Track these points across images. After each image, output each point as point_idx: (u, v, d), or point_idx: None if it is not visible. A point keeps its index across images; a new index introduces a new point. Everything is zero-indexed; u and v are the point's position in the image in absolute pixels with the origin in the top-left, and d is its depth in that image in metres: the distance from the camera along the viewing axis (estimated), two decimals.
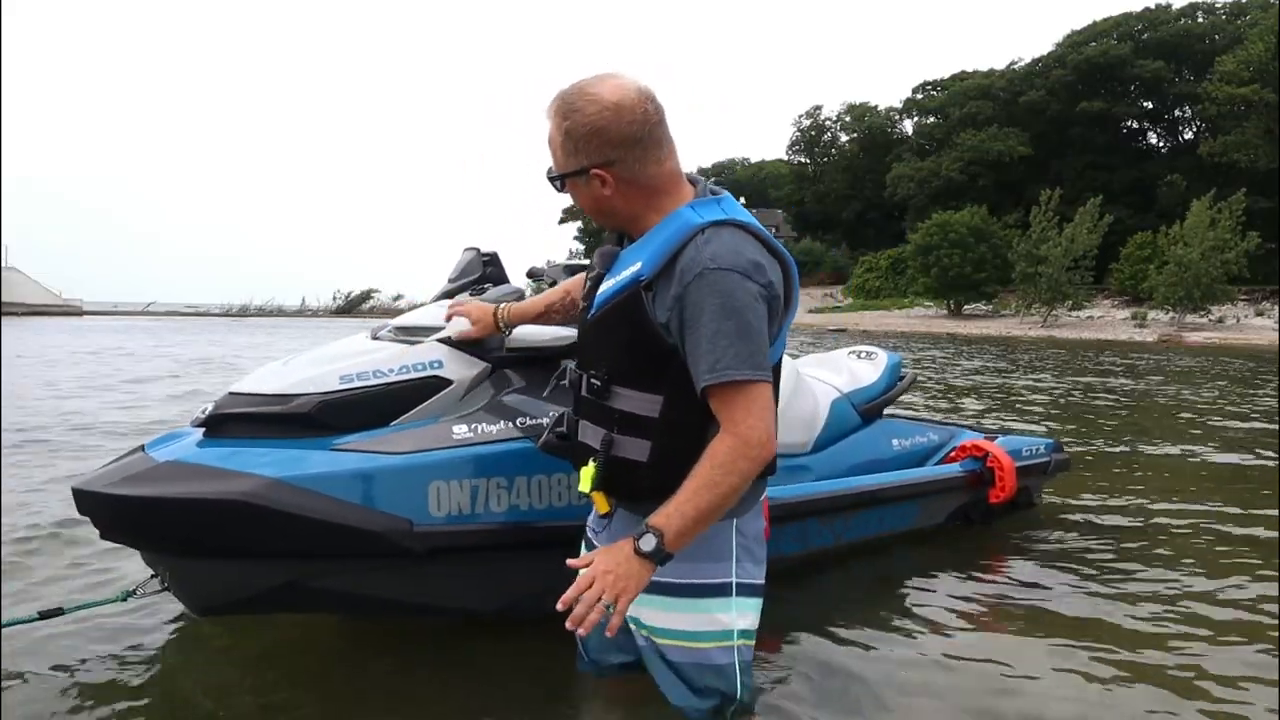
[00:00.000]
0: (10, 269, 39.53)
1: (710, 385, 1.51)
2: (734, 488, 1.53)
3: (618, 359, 1.65)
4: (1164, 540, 3.53)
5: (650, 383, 1.62)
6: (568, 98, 1.58)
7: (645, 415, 1.62)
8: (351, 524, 1.91)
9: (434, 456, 2.02)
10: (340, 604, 2.16)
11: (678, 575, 1.66)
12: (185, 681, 2.13)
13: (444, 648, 2.30)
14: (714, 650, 1.72)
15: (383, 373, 2.10)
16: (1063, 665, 2.27)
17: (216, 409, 2.08)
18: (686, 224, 1.57)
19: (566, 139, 1.59)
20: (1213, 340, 28.64)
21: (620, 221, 1.69)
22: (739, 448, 1.52)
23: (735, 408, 1.52)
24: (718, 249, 1.53)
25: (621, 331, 1.63)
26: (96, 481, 1.96)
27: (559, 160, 1.63)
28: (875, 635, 2.47)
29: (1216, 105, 42.57)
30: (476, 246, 2.63)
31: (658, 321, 1.57)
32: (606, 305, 1.65)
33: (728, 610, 1.71)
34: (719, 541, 1.70)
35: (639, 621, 1.76)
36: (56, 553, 3.06)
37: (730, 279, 1.51)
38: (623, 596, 1.50)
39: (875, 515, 3.11)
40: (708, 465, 1.52)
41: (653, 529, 1.50)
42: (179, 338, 19.81)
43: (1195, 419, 7.85)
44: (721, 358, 1.50)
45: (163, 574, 2.14)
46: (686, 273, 1.53)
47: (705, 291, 1.51)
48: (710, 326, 1.50)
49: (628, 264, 1.63)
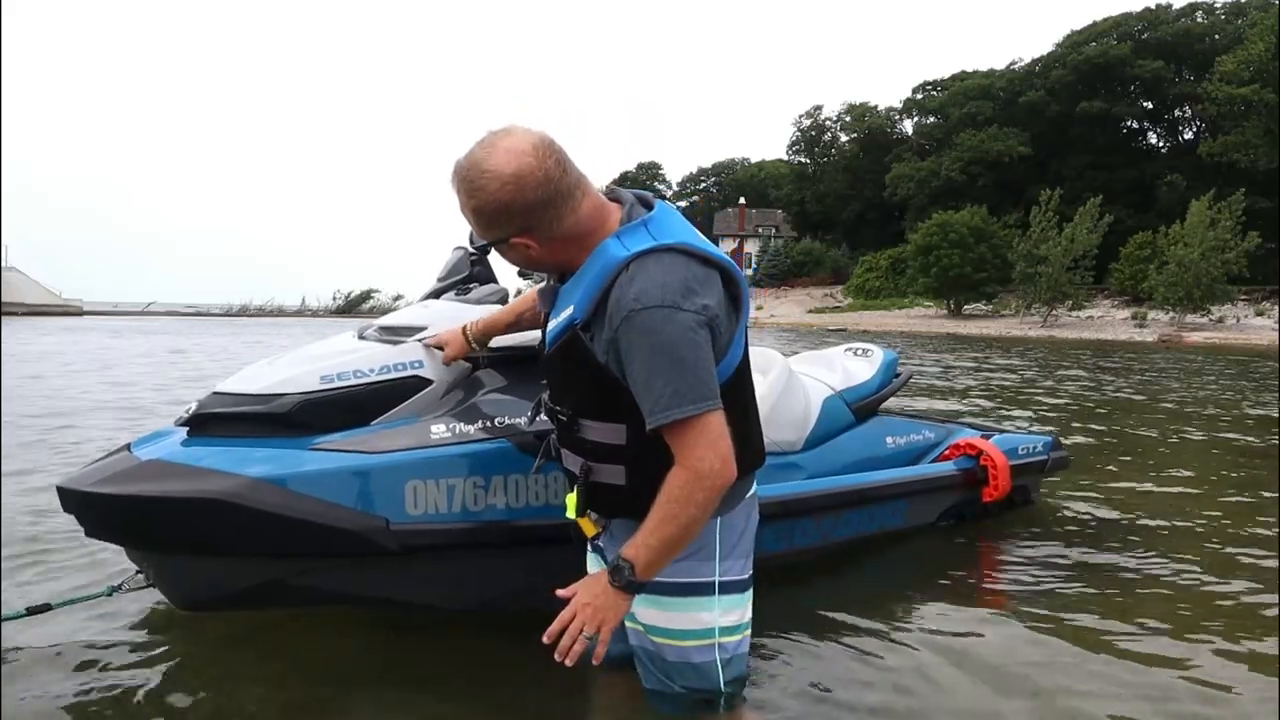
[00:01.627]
0: (10, 269, 39.56)
1: (656, 428, 1.53)
2: (693, 518, 1.55)
3: (578, 395, 1.68)
4: (1164, 540, 3.52)
5: (612, 413, 1.63)
6: (468, 177, 1.53)
7: (614, 443, 1.66)
8: (329, 523, 1.94)
9: (411, 456, 2.04)
10: (320, 601, 2.18)
11: (662, 574, 1.66)
12: (183, 674, 2.14)
13: (443, 639, 2.31)
14: (693, 649, 1.73)
15: (363, 372, 2.11)
16: (1062, 666, 2.26)
17: (200, 408, 2.10)
18: (611, 260, 1.55)
19: (478, 216, 1.56)
20: (1213, 340, 28.63)
21: (557, 269, 1.69)
22: (693, 480, 1.53)
23: (684, 443, 1.53)
24: (642, 286, 1.50)
25: (572, 369, 1.65)
26: (81, 480, 1.98)
27: (479, 231, 1.61)
28: (870, 634, 2.45)
29: (1216, 105, 42.54)
30: (465, 245, 2.63)
31: (600, 359, 1.58)
32: (555, 344, 1.66)
33: (710, 609, 1.73)
34: (703, 540, 1.70)
35: (631, 615, 1.77)
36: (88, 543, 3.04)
37: (657, 316, 1.49)
38: (604, 626, 1.56)
39: (865, 514, 3.09)
40: (665, 499, 1.54)
41: (625, 561, 1.56)
42: (221, 338, 19.86)
43: (1195, 418, 7.83)
44: (660, 398, 1.50)
45: (147, 570, 2.17)
46: (614, 316, 1.52)
47: (635, 334, 1.50)
48: (644, 369, 1.50)
49: (564, 306, 1.63)
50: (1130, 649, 2.37)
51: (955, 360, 16.08)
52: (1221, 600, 2.77)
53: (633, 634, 1.79)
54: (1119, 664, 2.27)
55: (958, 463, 3.42)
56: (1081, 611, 2.65)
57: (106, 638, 2.30)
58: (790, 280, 60.54)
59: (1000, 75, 58.43)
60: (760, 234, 68.86)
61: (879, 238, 57.46)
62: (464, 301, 2.37)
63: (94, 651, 2.22)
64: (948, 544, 3.33)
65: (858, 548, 3.09)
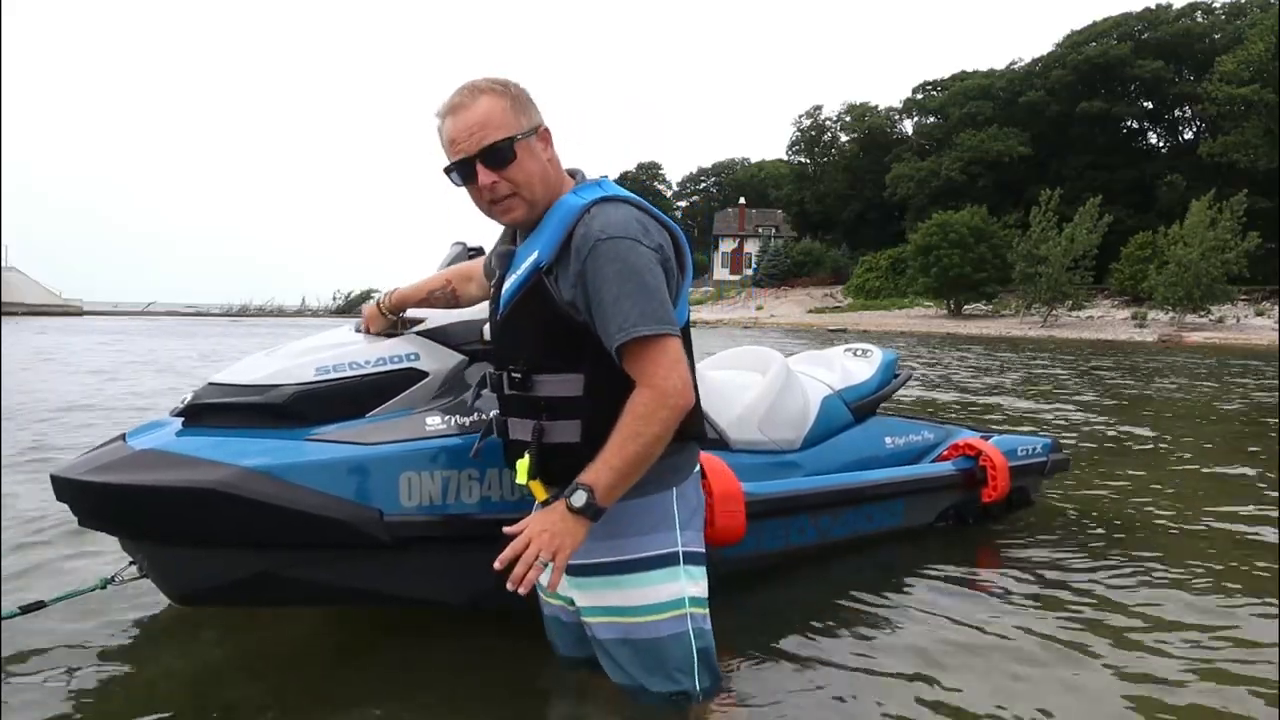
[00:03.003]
0: (10, 269, 39.55)
1: (622, 344, 1.59)
2: (656, 437, 1.61)
3: (534, 348, 1.72)
4: (1165, 540, 3.51)
5: (568, 363, 1.70)
6: (485, 80, 1.70)
7: (570, 396, 1.70)
8: (323, 513, 1.93)
9: (406, 447, 2.04)
10: (314, 594, 2.17)
11: (625, 552, 1.73)
12: (173, 669, 2.15)
13: (425, 638, 2.30)
14: (665, 622, 1.75)
15: (359, 364, 2.11)
16: (1061, 666, 2.25)
17: (196, 399, 2.11)
18: (572, 207, 1.68)
19: (515, 102, 1.68)
20: (1213, 340, 28.63)
21: (537, 202, 1.72)
22: (656, 398, 1.60)
23: (647, 361, 1.61)
24: (606, 221, 1.64)
25: (532, 321, 1.71)
26: (74, 469, 1.98)
27: (510, 124, 1.66)
28: (867, 633, 2.45)
29: (1216, 105, 42.52)
30: (463, 241, 2.63)
31: (564, 301, 1.66)
32: (513, 300, 1.72)
33: (678, 579, 1.76)
34: (661, 512, 1.75)
35: (593, 609, 1.78)
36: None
37: (622, 245, 1.62)
38: (560, 553, 1.57)
39: (862, 513, 3.08)
40: (629, 418, 1.60)
41: (582, 485, 1.57)
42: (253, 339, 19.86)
43: (1195, 418, 7.82)
44: (628, 317, 1.59)
45: (140, 561, 2.16)
46: (582, 248, 1.63)
47: (602, 260, 1.61)
48: (612, 291, 1.60)
49: (525, 257, 1.72)
50: (1130, 649, 2.36)
51: (956, 361, 16.07)
52: (1222, 601, 2.76)
53: (599, 628, 1.78)
54: (1119, 664, 2.26)
55: (956, 463, 3.41)
56: (1082, 612, 2.64)
57: (100, 632, 2.30)
58: (790, 280, 60.52)
59: (1000, 75, 58.39)
60: (760, 234, 68.83)
61: (879, 238, 57.43)
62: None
63: (87, 647, 2.22)
64: (944, 544, 3.32)
65: (855, 547, 3.08)
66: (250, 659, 2.22)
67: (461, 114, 1.66)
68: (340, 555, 2.05)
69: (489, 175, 1.66)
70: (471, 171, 1.67)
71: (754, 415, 2.82)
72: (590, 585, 1.78)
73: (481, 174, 1.66)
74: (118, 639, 2.31)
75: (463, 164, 1.68)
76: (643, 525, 1.73)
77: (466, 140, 1.66)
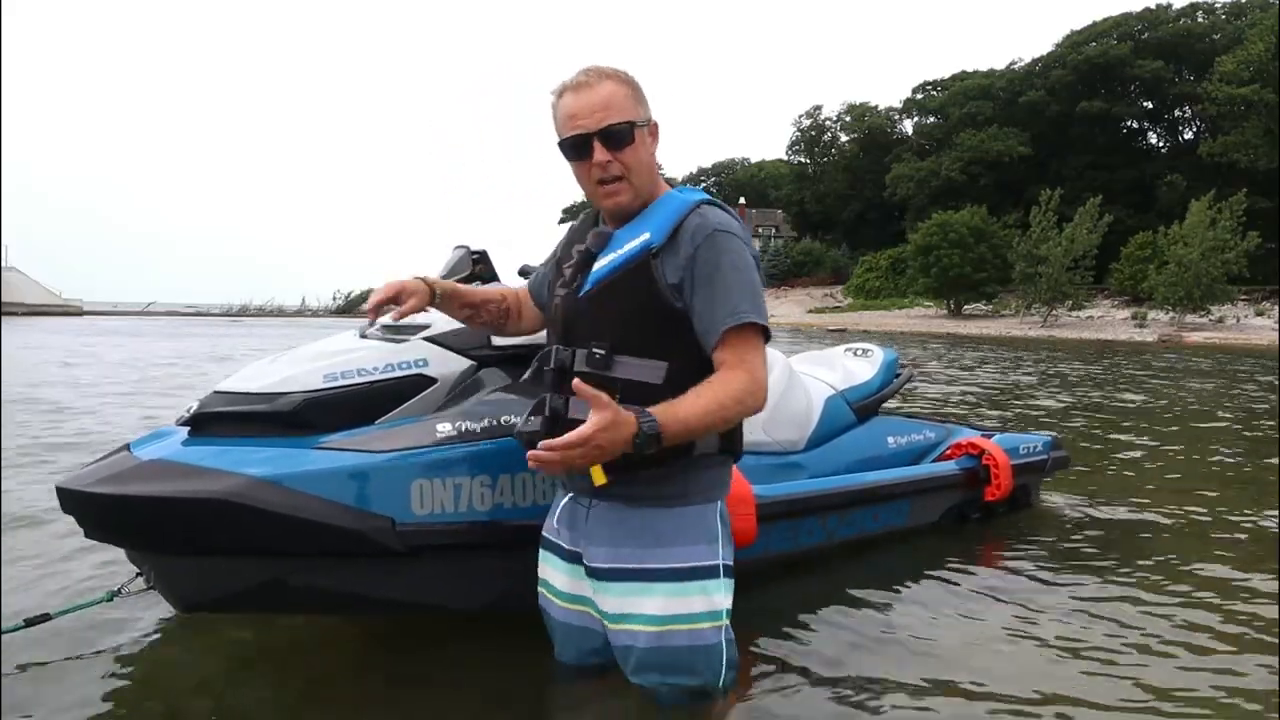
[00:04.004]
0: (10, 269, 39.60)
1: (731, 327, 1.65)
2: (731, 420, 1.66)
3: (623, 328, 1.72)
4: (1164, 540, 3.51)
5: (655, 349, 1.70)
6: (601, 69, 1.74)
7: (649, 382, 1.69)
8: (333, 523, 1.90)
9: (417, 455, 2.01)
10: (324, 602, 2.15)
11: (671, 560, 1.74)
12: (180, 679, 2.13)
13: (427, 644, 2.29)
14: (708, 630, 1.77)
15: (367, 371, 2.09)
16: (1058, 666, 2.25)
17: (202, 407, 2.07)
18: (684, 201, 1.75)
19: (633, 89, 1.74)
20: (1213, 340, 28.63)
21: (640, 192, 1.77)
22: (750, 385, 1.65)
23: (748, 349, 1.67)
24: (719, 218, 1.73)
25: (628, 300, 1.72)
26: (80, 480, 1.94)
27: (629, 110, 1.72)
28: (866, 634, 2.44)
29: (1216, 105, 42.57)
30: (466, 245, 2.62)
31: (668, 284, 1.69)
32: (611, 276, 1.74)
33: (720, 591, 1.78)
34: (707, 523, 1.78)
35: (626, 615, 1.77)
36: None
37: (735, 241, 1.71)
38: (593, 464, 1.57)
39: (868, 513, 3.09)
40: (720, 388, 1.62)
41: (658, 424, 1.55)
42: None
43: (1194, 417, 7.83)
44: (740, 303, 1.66)
45: (147, 572, 2.13)
46: (697, 234, 1.69)
47: (718, 249, 1.69)
48: (727, 278, 1.68)
49: (631, 237, 1.74)
50: (1129, 651, 2.36)
51: (957, 361, 16.08)
52: (1222, 601, 2.76)
53: (635, 636, 1.77)
54: (1117, 666, 2.26)
55: (960, 462, 3.42)
56: (1081, 614, 2.65)
57: (106, 643, 2.26)
58: (790, 280, 60.56)
59: (1000, 75, 58.45)
60: (760, 234, 68.86)
61: (879, 238, 57.47)
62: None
63: (93, 659, 2.19)
64: (944, 544, 3.32)
65: (857, 546, 3.08)
66: (252, 663, 2.20)
67: (585, 92, 1.70)
68: (351, 564, 2.03)
69: (604, 154, 1.70)
70: (588, 148, 1.70)
71: (758, 416, 2.82)
72: (629, 591, 1.76)
73: (598, 151, 1.70)
74: (118, 642, 2.28)
75: (580, 140, 1.70)
76: (690, 536, 1.75)
77: (588, 117, 1.69)
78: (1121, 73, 50.94)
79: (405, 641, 2.32)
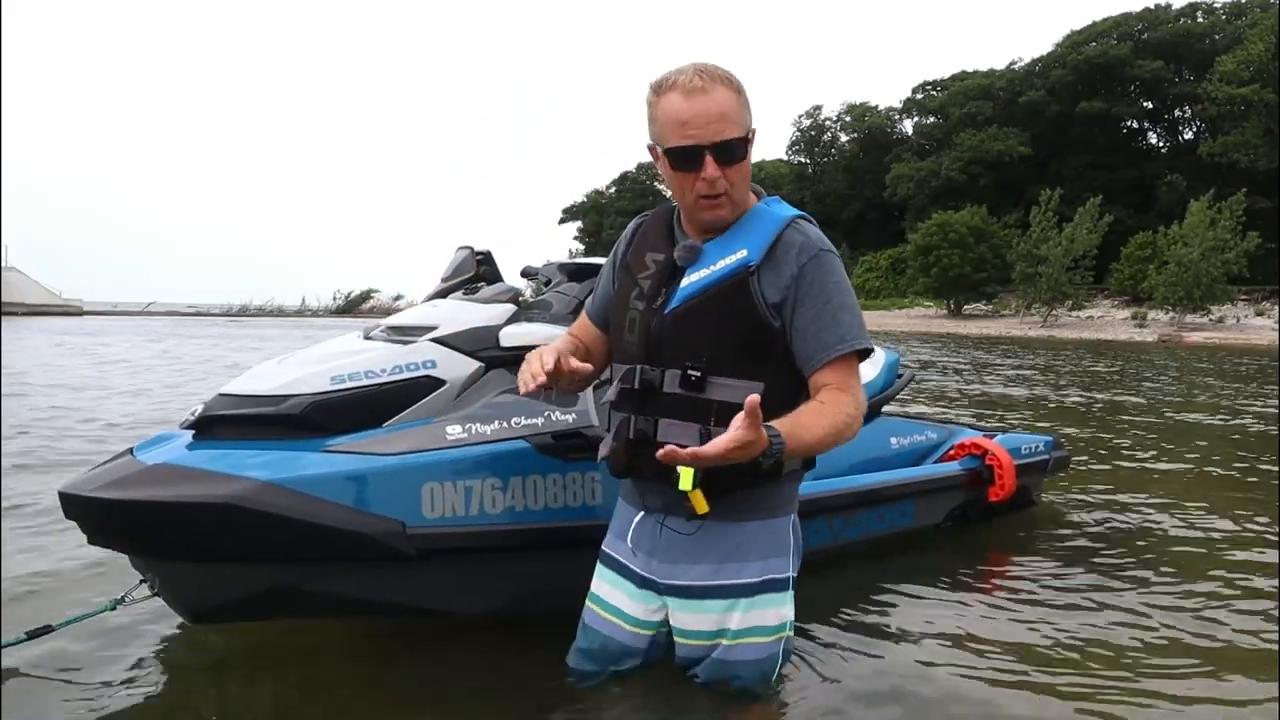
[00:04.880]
0: (10, 269, 39.57)
1: (843, 354, 1.61)
2: (841, 442, 1.60)
3: (718, 347, 1.64)
4: (1164, 540, 3.51)
5: (751, 369, 1.63)
6: (711, 71, 1.60)
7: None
8: (344, 527, 1.88)
9: (427, 458, 1.99)
10: (333, 607, 2.12)
11: (758, 574, 1.73)
12: (180, 680, 2.12)
13: (436, 646, 2.28)
14: (776, 643, 1.78)
15: (375, 373, 2.06)
16: (1059, 667, 2.26)
17: (206, 410, 2.03)
18: (779, 216, 1.69)
19: (743, 96, 1.63)
20: (1213, 340, 28.64)
21: (738, 205, 1.68)
22: (857, 410, 1.62)
23: (852, 373, 1.64)
24: (819, 236, 1.68)
25: (724, 318, 1.64)
26: (83, 485, 1.89)
27: (743, 122, 1.62)
28: (867, 634, 2.45)
29: (1216, 105, 42.59)
30: (470, 245, 2.61)
31: (768, 303, 1.63)
32: (704, 293, 1.65)
33: (788, 604, 1.79)
34: (783, 534, 1.77)
35: (702, 632, 1.75)
36: None
37: (838, 262, 1.67)
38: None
39: (874, 514, 3.09)
40: (839, 414, 1.58)
41: (784, 441, 1.48)
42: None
43: (1194, 417, 7.83)
44: (851, 328, 1.63)
45: (152, 579, 2.07)
46: (802, 254, 1.64)
47: (825, 270, 1.64)
48: (837, 301, 1.63)
49: (726, 253, 1.66)
50: (1129, 651, 2.36)
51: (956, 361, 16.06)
52: (1223, 601, 2.76)
53: (705, 650, 1.76)
54: (1117, 667, 2.27)
55: (964, 463, 3.42)
56: (1082, 614, 2.65)
57: (107, 652, 2.22)
58: None
59: (1000, 75, 58.46)
60: None
61: (879, 238, 57.49)
62: (473, 301, 2.33)
63: (95, 668, 2.15)
64: (944, 545, 3.32)
65: (855, 549, 3.08)
66: (255, 669, 2.17)
67: (699, 99, 1.56)
68: (361, 568, 2.00)
69: (715, 169, 1.59)
70: (699, 161, 1.59)
71: None
72: (707, 609, 1.73)
73: (709, 166, 1.59)
74: (120, 647, 2.25)
75: (693, 151, 1.58)
76: (767, 549, 1.72)
77: (702, 128, 1.57)
78: (1121, 73, 50.97)
79: (407, 642, 2.30)
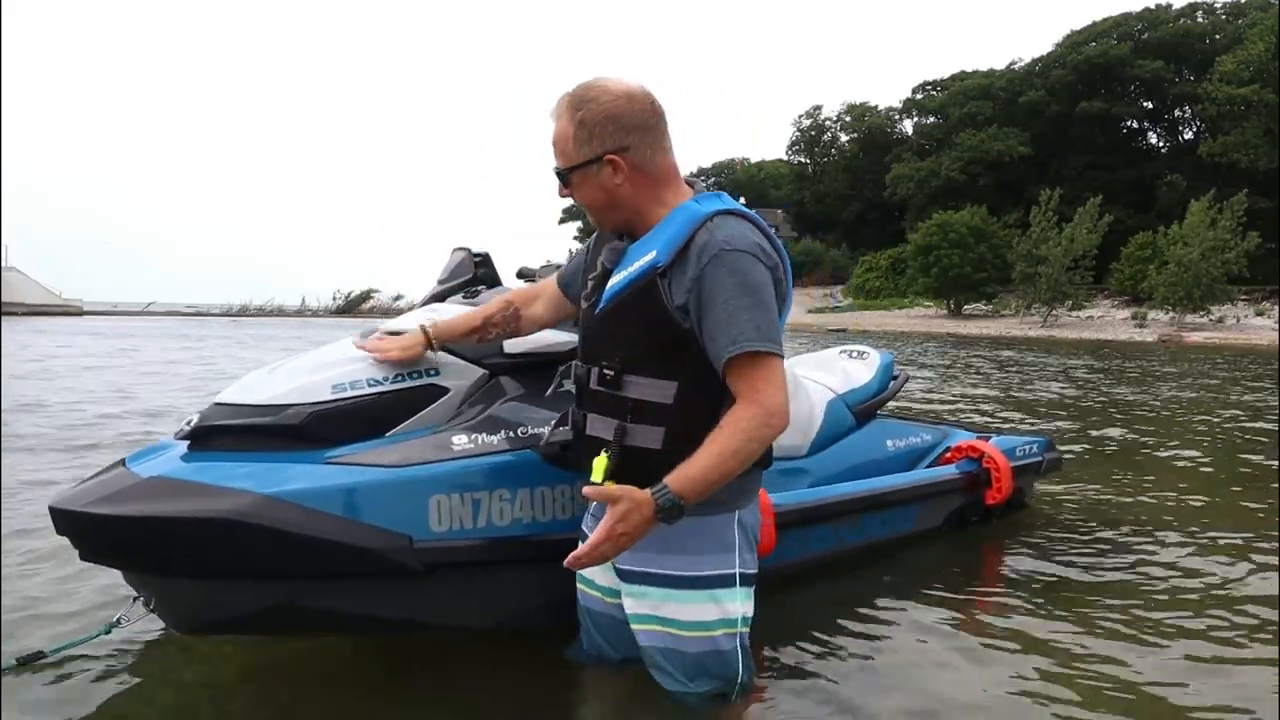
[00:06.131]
0: (10, 269, 39.58)
1: (733, 356, 1.59)
2: (753, 455, 1.61)
3: (632, 347, 1.70)
4: (1163, 540, 3.51)
5: (664, 369, 1.68)
6: (579, 92, 1.69)
7: (659, 402, 1.68)
8: (348, 541, 1.81)
9: (434, 469, 1.93)
10: (336, 624, 2.06)
11: (683, 568, 1.75)
12: (179, 686, 2.10)
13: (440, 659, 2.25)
14: (721, 637, 1.79)
15: (377, 380, 2.00)
16: (1059, 669, 2.26)
17: (202, 420, 1.96)
18: (695, 214, 1.68)
19: (580, 128, 1.67)
20: (1213, 340, 28.62)
21: (623, 216, 1.75)
22: (761, 416, 1.59)
23: (756, 378, 1.60)
24: (729, 232, 1.64)
25: (636, 319, 1.69)
26: (75, 499, 1.80)
27: (570, 153, 1.70)
28: (868, 635, 2.45)
29: (1216, 105, 42.57)
30: (467, 247, 2.57)
31: (674, 305, 1.65)
32: (620, 295, 1.71)
33: (734, 600, 1.79)
34: (723, 534, 1.78)
35: (644, 616, 1.80)
36: None
37: (744, 259, 1.62)
38: (626, 551, 1.61)
39: (877, 519, 3.08)
40: (731, 431, 1.59)
41: (672, 491, 1.55)
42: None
43: (1193, 418, 7.83)
44: (743, 330, 1.59)
45: (147, 596, 2.00)
46: (703, 254, 1.62)
47: (723, 270, 1.61)
48: (731, 303, 1.60)
49: (640, 255, 1.70)
50: (1130, 652, 2.37)
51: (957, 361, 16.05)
52: (1223, 602, 2.77)
53: (655, 636, 1.80)
54: (1118, 665, 2.27)
55: (962, 465, 3.41)
56: (1081, 614, 2.65)
57: (103, 668, 2.15)
58: None
59: (1000, 75, 58.44)
60: None
61: (879, 238, 57.44)
62: (473, 305, 2.27)
63: (94, 675, 2.10)
64: (943, 545, 3.33)
65: (854, 553, 3.08)
66: (257, 679, 2.14)
67: (554, 124, 1.73)
68: (366, 584, 1.92)
69: (564, 190, 1.76)
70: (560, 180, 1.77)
71: None
72: (645, 594, 1.77)
73: (561, 187, 1.77)
74: (121, 654, 2.22)
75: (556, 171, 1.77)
76: (706, 545, 1.74)
77: (555, 154, 1.75)
78: (1121, 73, 50.95)
79: (418, 652, 2.28)
